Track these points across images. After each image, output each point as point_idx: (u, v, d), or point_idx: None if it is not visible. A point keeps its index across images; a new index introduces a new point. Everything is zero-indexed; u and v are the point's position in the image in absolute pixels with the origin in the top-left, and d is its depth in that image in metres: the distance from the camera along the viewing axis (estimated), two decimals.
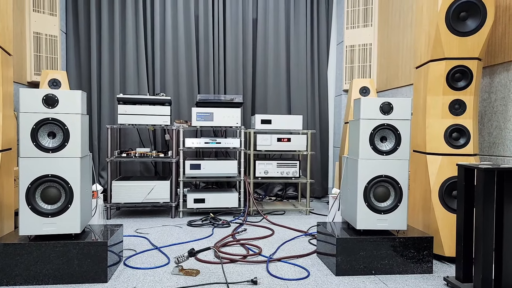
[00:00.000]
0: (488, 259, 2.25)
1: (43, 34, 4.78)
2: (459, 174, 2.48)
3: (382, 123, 2.75)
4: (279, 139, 4.67)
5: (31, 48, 4.67)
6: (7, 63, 2.92)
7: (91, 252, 2.51)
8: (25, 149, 2.45)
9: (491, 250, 2.26)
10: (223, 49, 5.50)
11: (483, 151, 3.20)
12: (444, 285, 2.55)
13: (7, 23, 2.91)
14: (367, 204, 2.75)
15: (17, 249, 2.45)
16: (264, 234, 3.73)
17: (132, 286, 2.49)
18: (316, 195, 5.76)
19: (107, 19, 5.21)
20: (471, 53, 2.94)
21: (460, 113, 2.98)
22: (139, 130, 5.26)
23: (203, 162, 4.49)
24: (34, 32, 4.71)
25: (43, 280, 2.48)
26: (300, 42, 5.66)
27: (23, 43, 4.59)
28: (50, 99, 2.47)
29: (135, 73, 5.28)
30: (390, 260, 2.72)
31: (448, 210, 2.94)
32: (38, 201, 2.49)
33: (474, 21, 2.91)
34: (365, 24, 5.36)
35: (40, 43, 4.76)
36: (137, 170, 5.29)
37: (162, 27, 5.35)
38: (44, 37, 4.79)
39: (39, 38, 4.75)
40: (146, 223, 4.13)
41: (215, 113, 4.54)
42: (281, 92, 5.61)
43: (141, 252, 3.17)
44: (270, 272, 2.74)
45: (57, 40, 4.91)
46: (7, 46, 2.93)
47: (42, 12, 4.77)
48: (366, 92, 4.83)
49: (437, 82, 3.03)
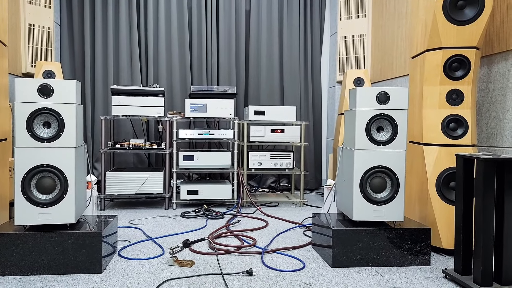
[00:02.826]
0: (488, 251, 2.23)
1: (37, 26, 4.77)
2: (458, 165, 2.45)
3: (379, 113, 2.71)
4: (272, 130, 4.64)
5: (25, 40, 4.67)
6: (2, 54, 2.90)
7: (86, 242, 2.49)
8: (20, 139, 2.44)
9: (491, 242, 2.24)
10: (216, 40, 5.47)
11: (481, 142, 3.17)
12: (443, 277, 2.53)
13: (2, 14, 2.89)
14: (363, 195, 2.72)
15: (13, 239, 2.44)
16: (258, 226, 3.69)
17: (127, 276, 2.45)
18: (310, 187, 5.74)
19: (101, 11, 5.18)
20: (469, 42, 2.90)
21: (457, 103, 2.96)
22: (132, 122, 5.22)
23: (196, 153, 4.44)
24: (29, 24, 4.70)
25: (38, 270, 2.46)
26: (293, 33, 5.62)
27: (17, 35, 4.57)
28: (45, 89, 2.46)
29: (129, 64, 5.25)
30: (387, 252, 2.70)
31: (446, 201, 2.92)
32: (34, 191, 2.47)
33: (472, 10, 2.87)
34: (359, 15, 5.32)
35: (35, 35, 4.75)
36: (131, 162, 5.25)
37: (156, 18, 5.32)
38: (38, 29, 4.78)
39: (33, 30, 4.74)
40: (140, 214, 4.09)
41: (208, 104, 4.49)
42: (274, 84, 5.57)
43: (135, 243, 3.14)
44: (265, 263, 2.71)
45: (51, 31, 4.91)
46: (2, 37, 2.91)
47: (37, 4, 4.77)
48: (360, 83, 4.80)
49: (434, 71, 3.00)
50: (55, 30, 5.02)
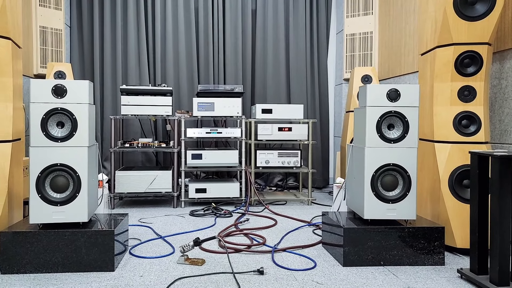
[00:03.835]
0: (505, 250, 2.20)
1: (48, 28, 4.86)
2: (472, 162, 2.42)
3: (389, 110, 2.69)
4: (280, 128, 4.62)
5: (37, 42, 4.75)
6: (17, 56, 2.94)
7: (98, 240, 2.50)
8: (35, 139, 2.48)
9: (507, 241, 2.20)
10: (223, 39, 5.47)
11: (494, 139, 3.13)
12: (458, 277, 2.49)
13: (16, 17, 2.93)
14: (374, 193, 2.69)
15: (27, 238, 2.46)
16: (267, 224, 3.68)
17: (139, 275, 2.45)
18: (317, 185, 5.71)
19: (109, 12, 5.24)
20: (480, 38, 2.87)
21: (470, 99, 2.92)
22: (141, 121, 5.23)
23: (204, 152, 4.43)
24: (40, 26, 4.79)
25: (52, 268, 2.48)
26: (299, 31, 5.60)
27: (29, 37, 4.65)
28: (59, 89, 2.50)
29: (137, 65, 5.29)
30: (399, 251, 2.66)
31: (459, 199, 2.87)
32: (48, 190, 2.51)
33: (483, 5, 2.84)
34: (365, 12, 5.29)
35: (46, 37, 4.83)
36: (139, 161, 5.26)
37: (163, 19, 5.35)
38: (49, 31, 4.87)
39: (45, 31, 4.82)
40: (149, 213, 4.09)
41: (216, 103, 4.48)
42: (281, 82, 5.56)
43: (146, 241, 3.15)
44: (275, 262, 2.69)
45: (62, 33, 5.00)
46: (17, 39, 2.95)
47: (48, 7, 4.85)
48: (368, 80, 4.77)
49: (445, 68, 2.96)
50: (65, 32, 5.10)
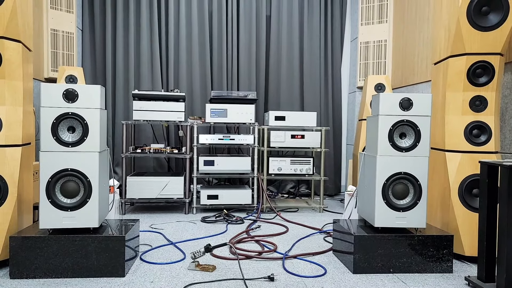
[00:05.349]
0: None
1: (60, 31, 4.83)
2: (482, 172, 2.43)
3: (402, 119, 2.70)
4: (293, 135, 4.64)
5: (48, 45, 4.73)
6: (27, 59, 2.94)
7: (109, 246, 2.51)
8: (45, 143, 2.48)
9: None
10: (237, 45, 5.48)
11: (505, 148, 3.13)
12: (466, 284, 2.50)
13: (27, 20, 2.93)
14: (385, 201, 2.71)
15: (37, 242, 2.47)
16: (278, 231, 3.69)
17: (149, 281, 2.47)
18: (329, 193, 5.71)
19: (122, 16, 5.23)
20: (493, 48, 2.88)
21: (481, 109, 2.93)
22: (153, 126, 5.26)
23: (216, 158, 4.46)
24: (51, 29, 4.76)
25: (62, 273, 2.49)
26: (313, 38, 5.62)
27: (40, 40, 4.63)
28: (70, 93, 2.49)
29: (149, 70, 5.29)
30: (408, 259, 2.68)
31: (469, 208, 2.89)
32: (58, 195, 2.51)
33: (497, 16, 2.85)
34: (380, 20, 5.31)
35: (57, 40, 4.81)
36: (151, 166, 5.29)
37: (176, 24, 5.35)
38: (61, 34, 4.84)
39: (56, 35, 4.80)
40: (160, 219, 4.11)
41: (229, 110, 4.51)
42: (294, 89, 5.57)
43: (157, 247, 3.16)
44: (286, 269, 2.71)
45: (74, 37, 4.96)
46: (28, 42, 2.95)
47: (59, 10, 4.83)
48: (382, 89, 4.78)
49: (457, 78, 2.97)
50: (77, 35, 5.08)
